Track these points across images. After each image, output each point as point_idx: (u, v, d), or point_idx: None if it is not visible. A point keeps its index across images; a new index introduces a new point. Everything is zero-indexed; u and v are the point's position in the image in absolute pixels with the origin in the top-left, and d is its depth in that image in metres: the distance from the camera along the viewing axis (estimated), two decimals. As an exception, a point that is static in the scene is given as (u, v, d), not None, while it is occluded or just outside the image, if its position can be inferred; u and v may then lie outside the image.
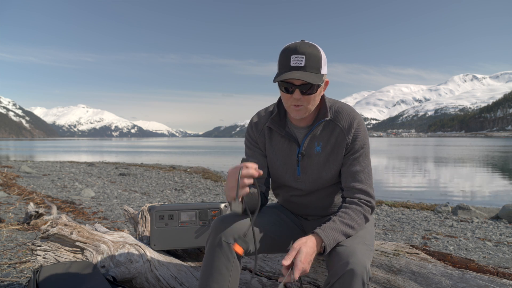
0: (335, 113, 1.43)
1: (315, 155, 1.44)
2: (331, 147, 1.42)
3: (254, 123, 1.54)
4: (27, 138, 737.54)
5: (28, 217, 4.22)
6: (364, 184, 1.39)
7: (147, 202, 6.69)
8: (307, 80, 1.24)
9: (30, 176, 10.85)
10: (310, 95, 1.32)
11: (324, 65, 1.31)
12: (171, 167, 16.14)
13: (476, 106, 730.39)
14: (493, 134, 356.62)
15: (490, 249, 3.97)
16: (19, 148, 52.74)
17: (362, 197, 1.38)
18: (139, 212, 2.30)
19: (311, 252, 1.22)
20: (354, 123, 1.40)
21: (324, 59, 1.31)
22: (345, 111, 1.43)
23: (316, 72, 1.28)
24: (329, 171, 1.44)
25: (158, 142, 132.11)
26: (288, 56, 1.28)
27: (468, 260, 1.48)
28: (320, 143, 1.44)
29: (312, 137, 1.44)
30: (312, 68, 1.27)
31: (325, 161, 1.44)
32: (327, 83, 1.40)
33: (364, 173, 1.40)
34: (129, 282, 1.85)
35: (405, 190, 10.07)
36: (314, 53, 1.28)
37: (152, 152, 37.22)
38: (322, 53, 1.31)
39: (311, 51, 1.27)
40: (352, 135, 1.40)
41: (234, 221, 1.38)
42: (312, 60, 1.27)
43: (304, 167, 1.46)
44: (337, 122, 1.42)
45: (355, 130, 1.40)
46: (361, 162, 1.41)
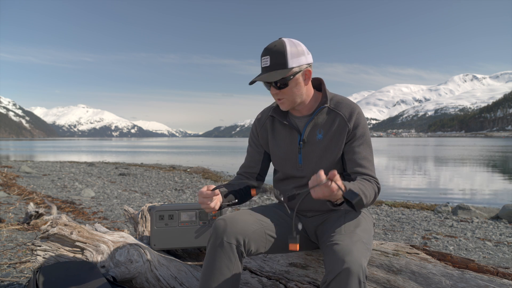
0: (336, 103, 1.51)
1: (316, 142, 1.50)
2: (332, 134, 1.49)
3: (257, 119, 1.67)
4: (27, 138, 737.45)
5: (28, 217, 4.22)
6: (369, 170, 1.45)
7: (147, 202, 6.69)
8: (266, 80, 1.39)
9: (30, 176, 10.85)
10: (285, 88, 1.43)
11: (293, 58, 1.39)
12: (171, 167, 16.14)
13: (476, 106, 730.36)
14: (493, 134, 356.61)
15: (490, 249, 3.97)
16: (19, 148, 52.74)
17: (369, 179, 1.43)
18: (139, 212, 2.30)
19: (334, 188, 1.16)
20: (355, 112, 1.48)
21: (292, 52, 1.39)
22: (346, 102, 1.52)
23: (282, 68, 1.39)
24: (329, 158, 1.49)
25: (158, 142, 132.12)
26: (260, 59, 1.44)
27: (468, 260, 1.48)
28: (321, 131, 1.50)
29: (314, 125, 1.51)
30: (277, 66, 1.39)
31: (326, 148, 1.49)
32: (306, 72, 1.46)
33: (368, 160, 1.47)
34: (129, 282, 1.85)
35: (405, 190, 10.07)
36: (279, 51, 1.39)
37: (152, 152, 37.22)
38: (289, 47, 1.39)
39: (276, 49, 1.39)
40: (353, 123, 1.47)
41: (236, 221, 1.39)
42: (276, 57, 1.39)
43: (306, 155, 1.52)
44: (338, 110, 1.50)
45: (356, 118, 1.48)
46: (364, 149, 1.47)
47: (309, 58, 1.46)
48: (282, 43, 1.40)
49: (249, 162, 1.69)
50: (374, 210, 6.34)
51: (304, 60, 1.43)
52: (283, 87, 1.43)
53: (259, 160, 1.67)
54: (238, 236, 1.36)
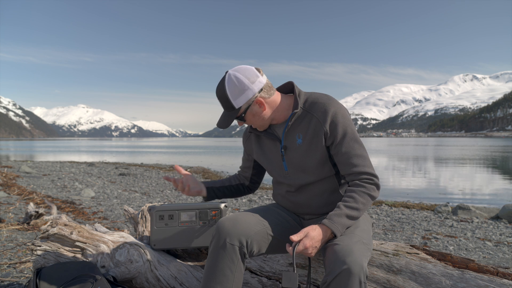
0: (311, 104, 1.49)
1: (297, 147, 1.49)
2: (310, 138, 1.46)
3: (244, 132, 1.75)
4: (27, 138, 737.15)
5: (28, 217, 4.22)
6: (361, 166, 1.41)
7: (147, 202, 6.69)
8: (220, 127, 1.47)
9: (30, 176, 10.85)
10: (246, 120, 1.49)
11: (236, 99, 1.42)
12: (171, 167, 16.14)
13: (476, 106, 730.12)
14: (493, 134, 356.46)
15: (490, 249, 3.97)
16: (19, 148, 52.74)
17: (363, 177, 1.40)
18: (139, 212, 2.30)
19: (317, 238, 1.28)
20: (329, 112, 1.43)
21: (233, 94, 1.41)
22: (320, 101, 1.47)
23: (230, 110, 1.45)
24: (311, 159, 1.47)
25: (158, 142, 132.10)
26: None
27: (468, 260, 1.48)
28: (300, 135, 1.49)
29: (291, 130, 1.50)
30: (226, 109, 1.46)
31: (306, 152, 1.48)
32: (259, 102, 1.45)
33: (358, 156, 1.42)
34: (129, 282, 1.85)
35: (405, 190, 10.07)
36: (222, 96, 1.44)
37: (152, 152, 37.21)
38: (229, 90, 1.41)
39: (220, 94, 1.44)
40: (329, 123, 1.43)
41: (239, 222, 1.39)
42: (223, 102, 1.45)
43: (289, 161, 1.52)
44: (312, 113, 1.47)
45: (331, 118, 1.43)
46: (351, 147, 1.42)
47: (256, 86, 1.43)
48: (222, 87, 1.43)
49: (242, 167, 1.82)
50: (374, 210, 6.34)
51: (250, 93, 1.42)
52: (243, 119, 1.48)
53: (249, 166, 1.77)
54: (241, 237, 1.36)
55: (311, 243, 1.27)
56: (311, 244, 1.27)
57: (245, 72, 1.43)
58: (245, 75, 1.42)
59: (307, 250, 1.27)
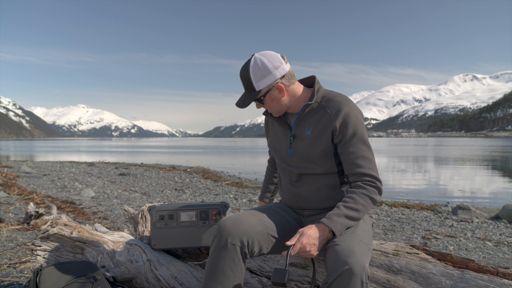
0: (327, 101, 1.52)
1: (305, 138, 1.54)
2: (318, 131, 1.50)
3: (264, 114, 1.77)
4: (27, 138, 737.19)
5: (28, 217, 4.22)
6: (365, 168, 1.42)
7: (147, 202, 6.69)
8: (239, 106, 1.52)
9: (30, 176, 10.85)
10: (264, 104, 1.54)
11: (258, 81, 1.46)
12: (171, 167, 16.14)
13: (476, 106, 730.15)
14: (493, 134, 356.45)
15: (490, 249, 3.97)
16: (19, 148, 52.74)
17: (365, 179, 1.41)
18: (139, 212, 2.30)
19: (314, 236, 1.29)
20: (342, 111, 1.46)
21: (256, 76, 1.46)
22: (337, 99, 1.50)
23: (251, 92, 1.49)
24: (315, 150, 1.50)
25: (158, 142, 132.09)
26: None
27: (468, 260, 1.48)
28: (310, 127, 1.53)
29: (303, 121, 1.54)
30: (247, 90, 1.50)
31: (311, 143, 1.51)
32: (279, 88, 1.49)
33: (364, 158, 1.43)
34: (129, 282, 1.85)
35: (405, 190, 10.07)
36: (245, 77, 1.48)
37: (152, 152, 37.21)
38: (252, 72, 1.46)
39: (243, 75, 1.49)
40: (339, 121, 1.45)
41: (240, 222, 1.39)
42: (245, 83, 1.49)
43: (295, 149, 1.56)
44: (326, 108, 1.50)
45: (344, 117, 1.45)
46: (358, 148, 1.44)
47: (278, 72, 1.47)
48: (247, 68, 1.47)
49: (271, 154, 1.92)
50: (374, 210, 6.34)
51: (272, 77, 1.46)
52: (262, 103, 1.53)
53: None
54: (242, 237, 1.36)
55: (307, 240, 1.27)
56: (307, 241, 1.27)
57: (270, 57, 1.47)
58: (269, 60, 1.46)
59: (305, 247, 1.26)
